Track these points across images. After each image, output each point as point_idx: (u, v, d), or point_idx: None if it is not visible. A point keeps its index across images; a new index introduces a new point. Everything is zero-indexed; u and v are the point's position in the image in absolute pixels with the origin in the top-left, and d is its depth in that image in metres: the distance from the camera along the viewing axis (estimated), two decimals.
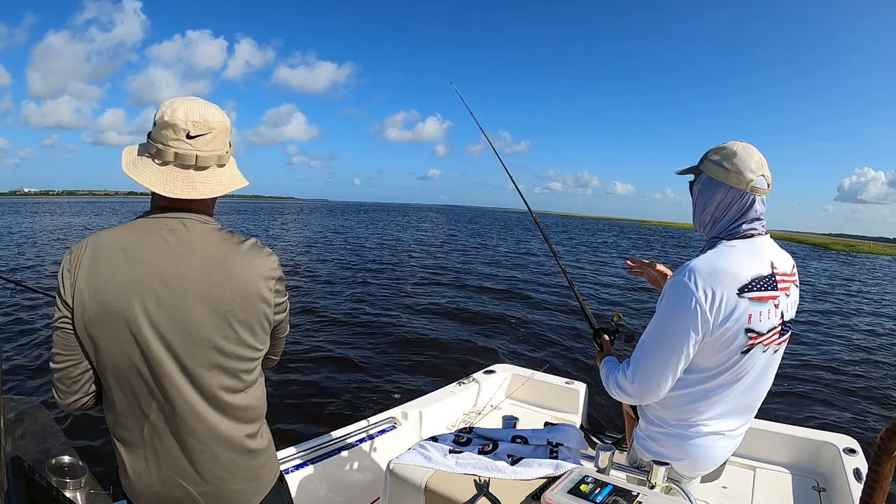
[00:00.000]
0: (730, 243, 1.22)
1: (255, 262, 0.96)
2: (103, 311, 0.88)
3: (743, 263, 1.17)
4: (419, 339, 6.69)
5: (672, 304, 1.20)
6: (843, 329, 9.25)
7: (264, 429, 1.09)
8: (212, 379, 0.94)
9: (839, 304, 12.46)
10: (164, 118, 0.90)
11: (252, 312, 0.95)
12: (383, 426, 2.30)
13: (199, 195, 0.92)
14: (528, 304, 9.38)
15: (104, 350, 0.90)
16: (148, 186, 0.91)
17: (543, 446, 1.58)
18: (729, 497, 1.91)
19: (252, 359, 0.99)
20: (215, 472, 0.99)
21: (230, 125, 0.97)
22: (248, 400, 1.00)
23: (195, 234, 0.93)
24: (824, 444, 2.13)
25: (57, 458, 1.13)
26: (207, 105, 0.94)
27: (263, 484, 1.07)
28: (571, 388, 2.72)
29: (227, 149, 0.98)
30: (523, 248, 22.70)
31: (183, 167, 0.92)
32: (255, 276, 0.95)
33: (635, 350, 1.29)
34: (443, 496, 1.35)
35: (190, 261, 0.91)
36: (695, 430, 1.30)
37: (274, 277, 0.98)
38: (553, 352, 6.37)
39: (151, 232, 0.91)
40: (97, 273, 0.88)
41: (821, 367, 6.49)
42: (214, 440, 0.97)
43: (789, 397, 5.23)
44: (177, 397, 0.92)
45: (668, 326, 1.20)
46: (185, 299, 0.89)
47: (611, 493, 1.20)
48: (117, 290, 0.88)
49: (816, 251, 43.68)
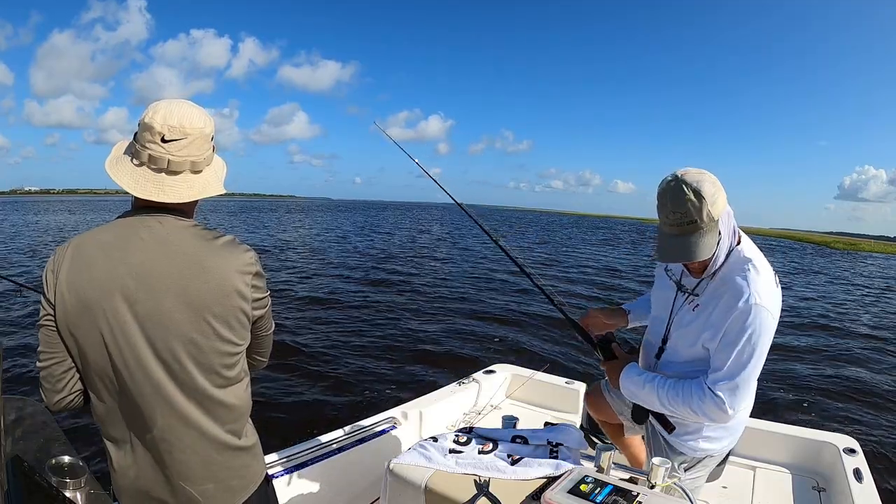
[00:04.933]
0: (751, 256, 1.35)
1: (231, 257, 0.98)
2: (82, 307, 0.90)
3: (770, 275, 1.35)
4: (419, 338, 6.70)
5: (763, 337, 1.29)
6: (845, 328, 9.24)
7: (249, 428, 1.09)
8: (191, 374, 0.95)
9: (839, 303, 12.45)
10: (145, 120, 0.92)
11: (228, 307, 0.96)
12: (383, 426, 2.30)
13: (168, 199, 0.94)
14: (528, 304, 9.38)
15: (84, 346, 0.92)
16: (120, 185, 0.94)
17: (543, 446, 1.58)
18: (729, 497, 1.91)
19: (230, 353, 0.99)
20: (196, 470, 0.99)
21: (210, 132, 0.97)
22: (229, 397, 1.01)
23: (171, 231, 0.94)
24: (824, 444, 2.12)
25: (57, 458, 1.13)
26: (192, 109, 0.95)
27: (247, 483, 1.07)
28: (571, 388, 2.72)
29: (205, 155, 0.98)
30: (518, 245, 22.69)
31: (155, 170, 0.93)
32: (230, 271, 0.96)
33: (727, 376, 1.32)
34: (443, 496, 1.35)
35: (164, 257, 0.92)
36: (740, 416, 1.41)
37: (251, 272, 1.00)
38: (553, 352, 6.36)
39: (129, 230, 0.94)
40: (76, 270, 0.91)
41: (821, 367, 6.49)
42: (195, 436, 0.98)
43: (789, 397, 5.23)
44: (156, 393, 0.93)
45: (761, 356, 1.31)
46: (159, 294, 0.91)
47: (611, 493, 1.20)
48: (94, 287, 0.90)
49: (819, 249, 43.48)
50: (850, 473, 1.87)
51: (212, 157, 1.01)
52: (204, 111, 0.97)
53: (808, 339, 8.00)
